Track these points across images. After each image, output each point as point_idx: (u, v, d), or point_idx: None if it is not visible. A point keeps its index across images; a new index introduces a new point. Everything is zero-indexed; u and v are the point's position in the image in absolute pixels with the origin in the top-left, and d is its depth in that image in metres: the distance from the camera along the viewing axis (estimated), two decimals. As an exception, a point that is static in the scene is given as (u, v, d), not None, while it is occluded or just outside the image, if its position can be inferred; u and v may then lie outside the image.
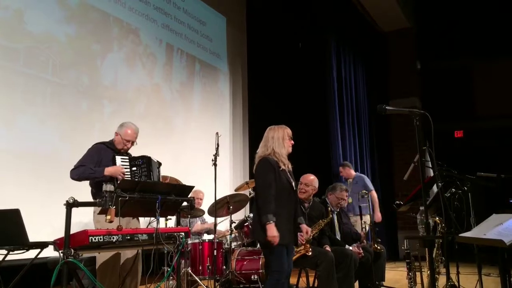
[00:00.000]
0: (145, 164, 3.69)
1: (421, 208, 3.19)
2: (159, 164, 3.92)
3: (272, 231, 3.10)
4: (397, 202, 4.02)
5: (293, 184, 3.39)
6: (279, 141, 3.35)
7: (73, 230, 2.81)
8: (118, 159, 3.72)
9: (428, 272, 2.94)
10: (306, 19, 8.88)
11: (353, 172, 6.84)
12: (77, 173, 3.55)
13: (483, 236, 2.26)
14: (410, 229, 9.77)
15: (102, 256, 3.50)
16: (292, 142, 3.42)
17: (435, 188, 4.24)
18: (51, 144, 4.78)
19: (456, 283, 3.62)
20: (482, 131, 10.80)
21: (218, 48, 7.70)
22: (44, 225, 4.10)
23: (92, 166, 3.58)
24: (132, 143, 3.88)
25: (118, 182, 3.37)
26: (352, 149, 9.16)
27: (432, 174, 4.10)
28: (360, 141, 9.61)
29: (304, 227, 3.43)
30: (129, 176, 3.68)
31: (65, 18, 5.13)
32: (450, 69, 11.30)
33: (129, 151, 3.95)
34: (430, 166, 3.66)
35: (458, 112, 10.98)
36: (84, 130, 5.13)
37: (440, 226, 3.14)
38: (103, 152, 3.73)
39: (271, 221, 3.10)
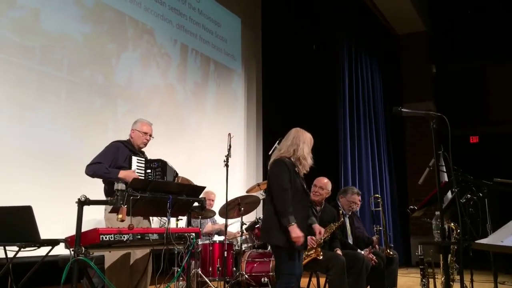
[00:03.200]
0: (160, 168, 3.68)
1: (436, 213, 3.13)
2: (176, 173, 3.91)
3: (296, 231, 3.06)
4: (411, 207, 3.96)
5: (305, 188, 3.35)
6: (308, 146, 3.30)
7: (86, 228, 2.82)
8: (134, 159, 3.71)
9: (442, 278, 2.88)
10: (320, 21, 8.84)
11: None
12: (92, 170, 3.55)
13: (500, 243, 2.20)
14: (423, 234, 9.65)
15: (111, 256, 3.50)
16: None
17: (449, 195, 4.17)
18: (64, 142, 4.81)
19: (471, 291, 3.56)
20: (497, 136, 10.64)
21: (232, 49, 7.69)
22: (56, 222, 4.12)
23: (108, 164, 3.58)
24: (150, 136, 3.88)
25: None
26: (364, 153, 9.08)
27: (446, 179, 4.04)
28: (372, 144, 9.53)
29: (316, 227, 3.39)
30: (143, 178, 3.67)
31: (81, 18, 5.17)
32: (464, 73, 11.17)
33: (145, 152, 3.96)
34: (445, 170, 3.60)
35: (473, 117, 10.83)
36: (98, 129, 5.15)
37: (455, 232, 3.08)
38: (121, 151, 3.72)
39: (293, 223, 3.07)
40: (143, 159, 3.78)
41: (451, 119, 2.82)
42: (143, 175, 3.68)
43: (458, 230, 3.04)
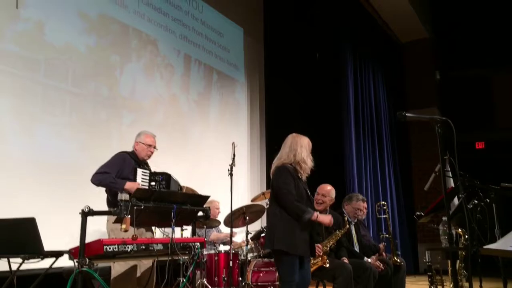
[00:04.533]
0: (165, 181, 3.68)
1: (444, 218, 3.10)
2: (180, 187, 3.91)
3: (325, 217, 3.19)
4: (418, 213, 3.92)
5: (309, 194, 3.34)
6: (307, 150, 3.32)
7: (90, 239, 2.81)
8: (139, 172, 3.72)
9: (451, 286, 2.84)
10: (323, 30, 8.86)
11: None
12: (99, 179, 3.55)
13: (509, 248, 2.17)
14: (431, 241, 9.57)
15: (118, 267, 3.48)
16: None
17: (455, 201, 4.13)
18: (69, 154, 4.81)
19: (480, 298, 3.50)
20: (503, 142, 10.57)
21: (235, 59, 7.72)
22: (62, 234, 4.10)
23: (114, 174, 3.58)
24: (154, 148, 3.89)
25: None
26: (368, 160, 9.05)
27: (452, 184, 4.00)
28: (377, 151, 9.49)
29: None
30: (147, 189, 3.67)
31: (86, 30, 5.20)
32: (469, 80, 11.14)
33: (149, 164, 3.96)
34: (451, 176, 3.57)
35: (479, 123, 10.78)
36: (103, 140, 5.16)
37: (463, 238, 3.04)
38: (127, 162, 3.74)
39: (315, 213, 3.14)
40: (148, 172, 3.78)
41: (457, 125, 2.79)
42: (147, 187, 3.67)
43: (466, 236, 3.00)
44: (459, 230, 3.10)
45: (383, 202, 5.20)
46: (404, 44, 11.34)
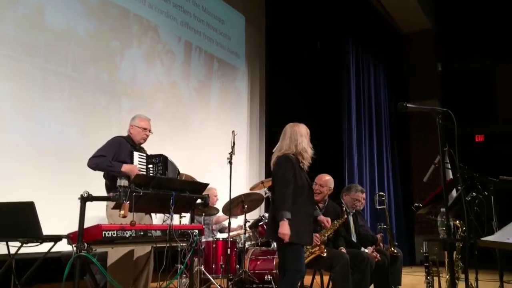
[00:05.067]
0: (161, 163, 3.68)
1: (442, 210, 3.10)
2: (178, 171, 3.91)
3: (285, 228, 3.05)
4: (416, 204, 3.93)
5: (310, 183, 3.34)
6: (307, 139, 3.31)
7: (88, 224, 2.82)
8: (136, 155, 3.71)
9: (447, 277, 2.85)
10: (325, 19, 8.80)
11: None
12: (96, 163, 3.55)
13: (506, 240, 2.18)
14: (428, 233, 9.61)
15: (114, 253, 3.50)
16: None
17: (454, 193, 4.13)
18: (68, 139, 4.81)
19: (476, 290, 3.52)
20: (503, 134, 10.56)
21: (236, 47, 7.67)
22: (61, 218, 4.11)
23: (110, 158, 3.58)
24: (149, 131, 3.88)
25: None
26: (368, 151, 9.05)
27: (451, 176, 4.00)
28: (377, 142, 9.49)
29: (322, 218, 3.38)
30: (145, 173, 3.67)
31: (85, 14, 5.16)
32: (471, 72, 11.09)
33: (146, 149, 3.95)
34: (450, 168, 3.57)
35: (479, 115, 10.75)
36: (102, 125, 5.15)
37: (460, 229, 3.05)
38: (123, 146, 3.73)
39: (286, 219, 3.06)
40: (144, 155, 3.78)
41: (457, 118, 2.79)
42: (144, 170, 3.68)
43: (464, 228, 3.01)
44: (457, 222, 3.11)
45: (382, 193, 5.21)
46: (406, 35, 11.27)
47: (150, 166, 3.71)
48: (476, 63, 10.99)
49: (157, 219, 4.06)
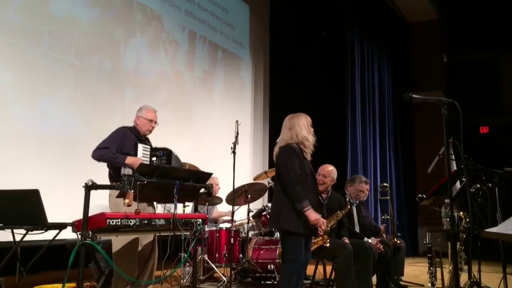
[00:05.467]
0: (165, 156, 3.67)
1: (446, 201, 3.09)
2: (182, 164, 3.90)
3: (314, 215, 3.08)
4: (420, 195, 3.92)
5: (314, 174, 3.34)
6: (306, 128, 3.30)
7: (93, 212, 2.83)
8: (140, 147, 3.70)
9: (450, 268, 2.86)
10: (329, 8, 8.73)
11: None
12: (100, 154, 3.54)
13: (510, 231, 2.17)
14: (431, 224, 9.60)
15: (119, 241, 3.51)
16: (312, 129, 3.36)
17: (458, 185, 4.12)
18: (72, 127, 4.82)
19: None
20: (508, 127, 10.50)
21: (240, 36, 7.64)
22: (63, 207, 4.14)
23: (114, 150, 3.58)
24: (155, 123, 3.88)
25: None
26: (372, 142, 9.03)
27: (455, 168, 3.98)
28: (381, 133, 9.46)
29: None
30: (148, 164, 3.67)
31: (89, 2, 5.14)
32: (477, 63, 11.00)
33: (150, 139, 3.95)
34: (454, 159, 3.55)
35: (484, 107, 10.68)
36: (105, 114, 5.15)
37: (464, 221, 3.05)
38: (128, 137, 3.72)
39: (309, 207, 3.08)
40: (149, 147, 3.77)
41: (461, 109, 2.76)
42: (148, 163, 3.67)
43: (467, 219, 3.01)
44: (461, 213, 3.11)
45: (386, 184, 5.21)
46: (412, 25, 11.17)
47: (154, 159, 3.70)
48: (482, 54, 10.90)
49: (158, 210, 4.06)
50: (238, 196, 5.11)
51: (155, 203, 3.81)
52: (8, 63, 4.33)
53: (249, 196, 5.12)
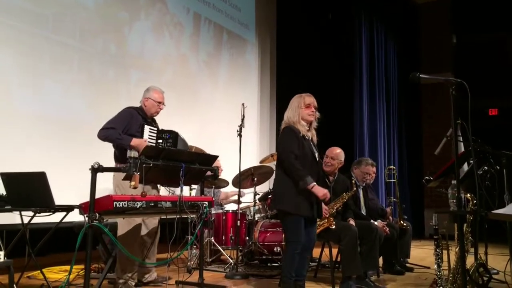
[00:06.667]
0: (172, 139, 3.66)
1: (453, 182, 3.07)
2: (188, 147, 3.90)
3: (320, 189, 3.12)
4: (427, 177, 3.90)
5: (316, 155, 3.32)
6: (292, 109, 3.31)
7: (100, 195, 2.84)
8: (147, 129, 3.69)
9: (456, 249, 2.85)
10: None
11: None
12: (106, 134, 3.54)
13: (518, 213, 2.15)
14: (438, 207, 9.59)
15: (123, 227, 3.54)
16: (313, 110, 3.31)
17: (465, 167, 4.09)
18: (77, 110, 4.82)
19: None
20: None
21: (246, 19, 7.55)
22: (69, 189, 4.16)
23: (120, 130, 3.57)
24: (163, 105, 3.86)
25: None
26: (379, 124, 8.98)
27: (463, 150, 3.95)
28: (388, 115, 9.41)
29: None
30: (154, 146, 3.66)
31: (93, -15, 5.09)
32: (486, 44, 10.81)
33: (157, 122, 3.94)
34: (462, 141, 3.52)
35: (493, 89, 10.53)
36: (110, 97, 5.14)
37: (471, 203, 3.03)
38: (135, 118, 3.70)
39: (313, 183, 3.10)
40: (155, 129, 3.75)
41: (470, 91, 2.72)
42: (154, 145, 3.66)
43: (474, 201, 2.99)
44: (468, 195, 3.08)
45: (393, 167, 5.18)
46: (420, 6, 10.98)
47: (160, 141, 3.68)
48: (491, 35, 10.71)
49: (161, 193, 4.07)
50: (244, 179, 5.11)
51: (158, 185, 3.81)
52: (12, 47, 4.32)
53: (256, 179, 5.12)
